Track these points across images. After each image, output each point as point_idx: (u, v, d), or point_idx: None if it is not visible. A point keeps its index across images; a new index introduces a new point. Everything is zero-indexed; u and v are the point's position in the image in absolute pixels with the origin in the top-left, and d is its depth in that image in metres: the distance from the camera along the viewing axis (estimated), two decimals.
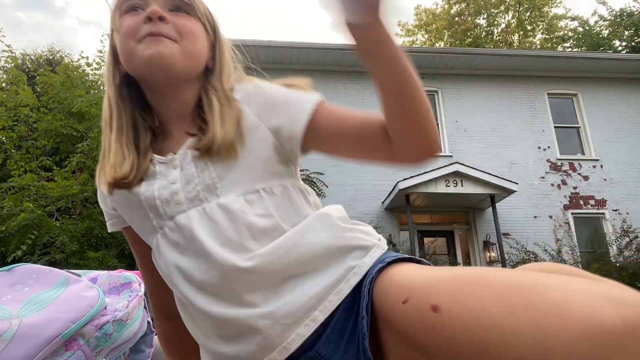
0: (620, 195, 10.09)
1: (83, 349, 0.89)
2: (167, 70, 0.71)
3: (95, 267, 5.47)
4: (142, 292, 1.08)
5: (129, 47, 0.71)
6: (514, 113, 10.61)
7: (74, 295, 0.94)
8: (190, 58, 0.73)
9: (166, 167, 0.72)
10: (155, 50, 0.69)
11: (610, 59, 11.03)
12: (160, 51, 0.69)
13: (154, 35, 0.69)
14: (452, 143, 10.27)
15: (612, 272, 7.19)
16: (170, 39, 0.70)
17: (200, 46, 0.75)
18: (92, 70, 8.55)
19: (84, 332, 0.90)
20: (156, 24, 0.70)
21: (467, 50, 11.22)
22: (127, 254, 7.23)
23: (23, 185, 6.32)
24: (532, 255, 8.07)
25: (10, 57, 8.71)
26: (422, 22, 24.74)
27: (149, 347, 1.10)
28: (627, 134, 10.67)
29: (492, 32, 23.87)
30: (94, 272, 1.10)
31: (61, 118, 7.39)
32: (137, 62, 0.70)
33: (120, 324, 0.96)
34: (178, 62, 0.71)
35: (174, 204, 0.70)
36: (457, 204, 9.57)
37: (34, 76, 11.43)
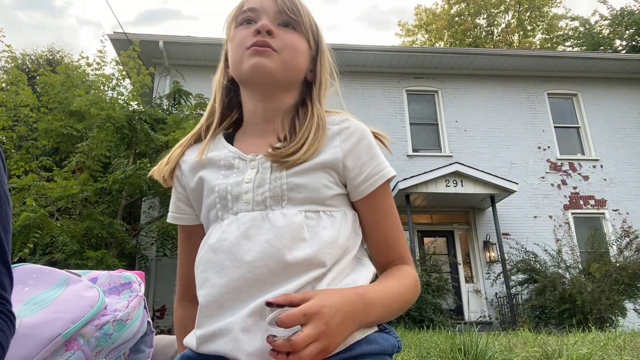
0: (620, 195, 10.08)
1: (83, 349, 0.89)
2: (267, 78, 0.79)
3: (94, 266, 5.47)
4: (142, 292, 1.08)
5: (239, 55, 0.81)
6: (514, 113, 10.61)
7: (74, 295, 0.94)
8: (288, 69, 0.81)
9: (245, 164, 0.79)
10: (259, 60, 0.78)
11: (610, 59, 11.03)
12: (262, 61, 0.78)
13: (260, 46, 0.78)
14: (452, 143, 10.27)
15: (612, 272, 7.19)
16: (274, 51, 0.79)
17: (300, 60, 0.83)
18: (92, 70, 8.55)
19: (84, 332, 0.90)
20: (264, 37, 0.79)
21: (467, 50, 11.22)
22: (127, 254, 7.23)
23: (23, 185, 6.32)
24: (532, 255, 8.06)
25: (10, 57, 8.71)
26: (422, 22, 24.75)
27: (149, 347, 1.10)
28: (627, 134, 10.67)
29: (492, 32, 23.87)
30: (94, 272, 1.10)
31: (61, 118, 7.38)
32: (243, 68, 0.80)
33: (121, 324, 0.96)
34: (277, 72, 0.79)
35: (242, 201, 0.75)
36: (457, 204, 9.57)
37: (34, 76, 11.43)
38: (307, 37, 0.84)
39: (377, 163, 0.79)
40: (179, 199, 0.87)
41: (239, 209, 0.75)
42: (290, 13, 0.82)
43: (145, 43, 9.04)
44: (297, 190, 0.75)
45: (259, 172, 0.77)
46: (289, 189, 0.75)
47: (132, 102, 7.68)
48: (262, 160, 0.77)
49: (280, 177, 0.75)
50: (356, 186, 0.79)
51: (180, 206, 0.87)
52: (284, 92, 0.83)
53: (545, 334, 3.95)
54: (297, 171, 0.75)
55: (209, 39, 9.78)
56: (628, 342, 3.13)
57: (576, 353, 2.19)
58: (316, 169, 0.76)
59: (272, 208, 0.74)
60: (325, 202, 0.77)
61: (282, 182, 0.75)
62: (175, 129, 6.57)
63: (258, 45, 0.78)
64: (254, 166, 0.77)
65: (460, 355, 2.35)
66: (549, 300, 7.14)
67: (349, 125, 0.81)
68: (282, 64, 0.79)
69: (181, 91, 8.29)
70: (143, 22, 67.41)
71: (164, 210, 7.62)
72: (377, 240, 0.81)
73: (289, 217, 0.73)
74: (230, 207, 0.76)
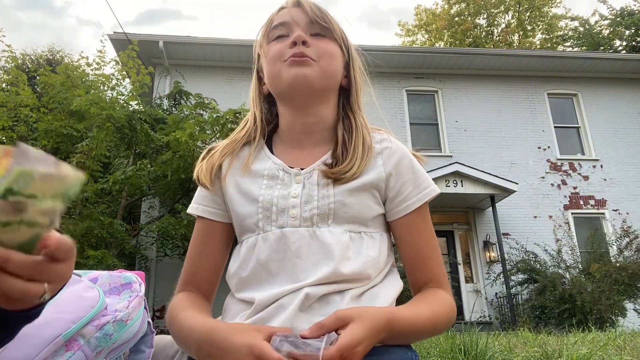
0: (620, 195, 10.08)
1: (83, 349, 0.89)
2: (308, 88, 0.80)
3: (94, 266, 5.47)
4: (143, 292, 1.08)
5: (276, 69, 0.81)
6: (514, 113, 10.61)
7: (75, 295, 0.94)
8: (327, 77, 0.81)
9: (289, 177, 0.79)
10: (299, 71, 0.79)
11: (610, 59, 11.02)
12: (303, 71, 0.79)
13: (298, 56, 0.79)
14: (452, 143, 10.27)
15: (612, 272, 7.19)
16: (312, 60, 0.80)
17: (336, 66, 0.84)
18: (92, 70, 8.55)
19: (84, 333, 0.90)
20: (299, 47, 0.79)
21: (467, 50, 11.22)
22: (127, 254, 7.23)
23: None
24: (532, 255, 8.07)
25: (10, 57, 8.71)
26: (422, 22, 24.74)
27: (149, 348, 1.10)
28: (627, 134, 10.67)
29: (492, 32, 23.87)
30: (95, 272, 1.10)
31: (61, 118, 7.39)
32: (283, 80, 0.80)
33: (121, 325, 0.96)
34: (317, 80, 0.80)
35: (288, 215, 0.75)
36: (457, 204, 9.56)
37: (34, 76, 11.43)
38: (339, 43, 0.85)
39: (417, 184, 0.81)
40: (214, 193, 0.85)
41: (285, 222, 0.75)
42: (322, 22, 0.83)
43: (145, 43, 9.04)
44: (344, 209, 0.75)
45: (305, 187, 0.77)
46: (336, 207, 0.75)
47: (132, 102, 7.69)
48: (308, 175, 0.78)
49: (328, 195, 0.76)
50: (395, 205, 0.80)
51: (216, 200, 0.85)
52: (322, 102, 0.84)
53: (545, 334, 3.95)
54: (345, 190, 0.76)
55: (209, 39, 9.78)
56: (628, 342, 3.13)
57: (576, 353, 2.19)
58: (363, 189, 0.77)
59: (319, 225, 0.75)
60: (367, 222, 0.78)
61: (330, 200, 0.76)
62: (175, 129, 6.57)
63: (296, 56, 0.78)
64: (299, 180, 0.78)
65: (460, 355, 2.35)
66: (549, 300, 7.15)
67: (391, 145, 0.83)
68: (321, 72, 0.80)
69: (181, 91, 8.29)
70: (143, 22, 67.41)
71: (164, 210, 7.62)
72: (412, 261, 0.80)
73: (336, 235, 0.74)
74: (274, 220, 0.76)
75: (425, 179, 0.82)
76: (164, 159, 6.34)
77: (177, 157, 6.37)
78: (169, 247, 7.30)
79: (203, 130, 6.77)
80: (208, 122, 6.85)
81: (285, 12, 0.84)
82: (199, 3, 72.97)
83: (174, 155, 6.33)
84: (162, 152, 6.67)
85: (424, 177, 0.82)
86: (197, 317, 0.71)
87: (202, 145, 6.61)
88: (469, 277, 9.58)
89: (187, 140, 6.05)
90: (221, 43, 9.65)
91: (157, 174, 6.52)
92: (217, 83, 9.48)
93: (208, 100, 7.77)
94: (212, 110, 7.45)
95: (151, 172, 6.47)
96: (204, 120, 6.90)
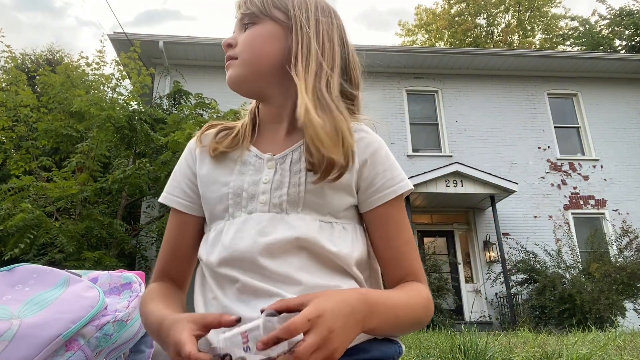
0: (620, 195, 10.08)
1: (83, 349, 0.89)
2: (239, 86, 0.80)
3: (92, 267, 5.47)
4: (142, 292, 1.08)
5: None
6: (514, 113, 10.61)
7: (75, 295, 0.94)
8: (251, 64, 0.79)
9: (261, 163, 0.78)
10: (227, 76, 0.80)
11: (610, 59, 11.02)
12: (229, 74, 0.80)
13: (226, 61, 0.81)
14: (452, 143, 10.27)
15: (612, 272, 7.19)
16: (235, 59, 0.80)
17: (262, 46, 0.78)
18: (92, 70, 8.55)
19: (84, 333, 0.90)
20: (227, 52, 0.81)
21: (467, 50, 11.22)
22: (127, 254, 7.22)
23: (22, 186, 6.31)
24: (532, 255, 8.07)
25: (10, 57, 8.71)
26: (422, 22, 24.74)
27: (149, 348, 1.10)
28: (627, 134, 10.67)
29: (492, 32, 23.86)
30: (95, 272, 1.10)
31: (61, 118, 7.38)
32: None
33: (121, 325, 0.96)
34: (242, 74, 0.79)
35: (257, 201, 0.74)
36: (457, 204, 9.56)
37: (34, 76, 11.43)
38: (271, 17, 0.78)
39: (392, 175, 0.77)
40: (187, 184, 0.84)
41: (254, 208, 0.74)
42: (246, 10, 0.80)
43: (145, 43, 9.04)
44: (314, 198, 0.73)
45: (277, 172, 0.75)
46: (307, 196, 0.73)
47: (132, 102, 7.69)
48: (281, 160, 0.76)
49: (300, 182, 0.74)
50: (368, 195, 0.76)
51: (188, 193, 0.83)
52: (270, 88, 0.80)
53: (545, 334, 3.95)
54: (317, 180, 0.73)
55: (208, 39, 9.78)
56: (628, 342, 3.13)
57: (576, 353, 2.19)
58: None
59: (288, 212, 0.73)
60: (339, 213, 0.76)
61: (301, 188, 0.73)
62: (175, 129, 6.56)
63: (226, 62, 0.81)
64: (272, 166, 0.76)
65: (460, 355, 2.35)
66: (549, 300, 7.15)
67: (366, 135, 0.79)
68: (242, 65, 0.79)
69: (181, 91, 8.29)
70: (143, 22, 67.40)
71: (164, 210, 7.61)
72: (387, 255, 0.76)
73: (306, 221, 0.72)
74: (244, 205, 0.75)
75: (400, 172, 0.78)
76: (163, 159, 6.34)
77: (177, 158, 6.36)
78: None
79: None
80: (208, 122, 6.84)
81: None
82: (198, 3, 72.94)
83: (174, 155, 6.32)
84: (162, 152, 6.67)
85: (399, 170, 0.78)
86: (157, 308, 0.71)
87: None
88: (469, 277, 9.58)
89: (185, 142, 6.04)
90: (221, 43, 9.64)
91: (157, 174, 6.51)
92: (217, 83, 9.48)
93: (208, 100, 7.76)
94: (212, 110, 7.45)
95: (151, 172, 6.47)
96: (204, 120, 6.89)
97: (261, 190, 0.74)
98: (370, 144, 0.78)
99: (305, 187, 0.73)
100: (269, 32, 0.79)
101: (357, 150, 0.76)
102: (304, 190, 0.73)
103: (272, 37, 0.78)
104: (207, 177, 0.80)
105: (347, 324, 0.57)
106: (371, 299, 0.63)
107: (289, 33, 0.78)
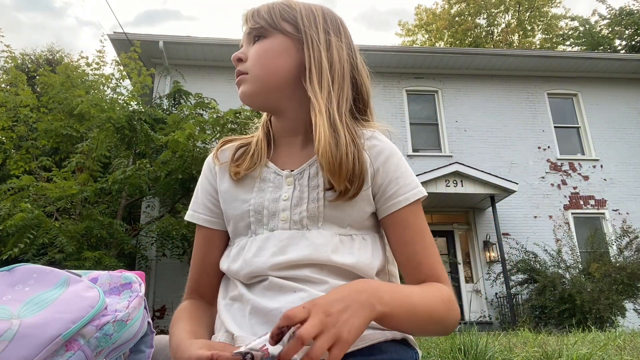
0: (620, 195, 10.08)
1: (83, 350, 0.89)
2: (252, 101, 0.80)
3: (92, 267, 5.47)
4: (142, 292, 1.08)
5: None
6: (514, 113, 10.61)
7: (75, 295, 0.93)
8: (263, 79, 0.78)
9: (280, 179, 0.78)
10: (239, 92, 0.80)
11: (610, 59, 11.02)
12: (241, 91, 0.80)
13: (237, 77, 0.81)
14: (452, 143, 10.27)
15: (612, 272, 7.19)
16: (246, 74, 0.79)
17: (274, 60, 0.78)
18: (92, 70, 8.54)
19: (84, 333, 0.90)
20: (237, 67, 0.81)
21: (467, 50, 11.22)
22: (127, 254, 7.22)
23: (22, 186, 6.31)
24: (532, 255, 8.07)
25: (9, 57, 8.71)
26: (422, 22, 24.73)
27: (149, 348, 1.10)
28: (627, 134, 10.67)
29: (492, 32, 23.86)
30: (95, 272, 1.10)
31: (61, 118, 7.39)
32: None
33: (121, 325, 0.96)
34: (255, 90, 0.79)
35: (278, 219, 0.75)
36: (457, 204, 9.56)
37: (34, 76, 11.44)
38: (281, 31, 0.79)
39: (404, 183, 0.77)
40: (209, 200, 0.85)
41: (275, 225, 0.75)
42: (254, 25, 0.80)
43: (145, 43, 9.04)
44: (334, 210, 0.74)
45: (296, 189, 0.77)
46: (326, 209, 0.74)
47: (132, 102, 7.68)
48: (299, 176, 0.78)
49: (319, 198, 0.75)
50: (383, 202, 0.77)
51: (211, 209, 0.85)
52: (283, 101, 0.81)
53: (545, 334, 3.95)
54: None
55: (209, 39, 9.78)
56: (628, 342, 3.13)
57: (576, 353, 2.19)
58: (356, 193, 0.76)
59: (309, 228, 0.74)
60: (359, 224, 0.77)
61: (320, 203, 0.74)
62: (175, 129, 6.56)
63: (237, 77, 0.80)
64: (290, 182, 0.77)
65: (460, 355, 2.35)
66: (549, 300, 7.15)
67: (378, 143, 0.79)
68: (254, 80, 0.78)
69: (181, 91, 8.29)
70: (143, 22, 67.42)
71: (164, 210, 7.61)
72: (406, 259, 0.75)
73: (326, 236, 0.73)
74: (266, 223, 0.76)
75: (413, 180, 0.78)
76: (163, 159, 6.34)
77: (177, 158, 6.37)
78: (168, 247, 7.29)
79: (203, 131, 6.76)
80: (208, 122, 6.85)
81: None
82: (198, 3, 72.96)
83: (173, 155, 6.32)
84: (162, 152, 6.67)
85: (412, 177, 0.79)
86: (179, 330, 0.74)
87: (202, 145, 6.61)
88: (469, 277, 9.58)
89: (185, 142, 6.05)
90: (221, 43, 9.65)
91: (157, 174, 6.51)
92: (217, 83, 9.48)
93: (208, 100, 7.77)
94: (212, 110, 7.45)
95: (151, 172, 6.47)
96: (204, 120, 6.89)
97: (281, 208, 0.75)
98: (381, 152, 0.78)
99: (324, 202, 0.74)
100: (279, 46, 0.79)
101: (369, 159, 0.77)
102: (323, 205, 0.74)
103: (282, 51, 0.79)
104: (228, 194, 0.82)
105: (350, 307, 0.56)
106: (375, 282, 0.64)
107: (300, 46, 0.79)
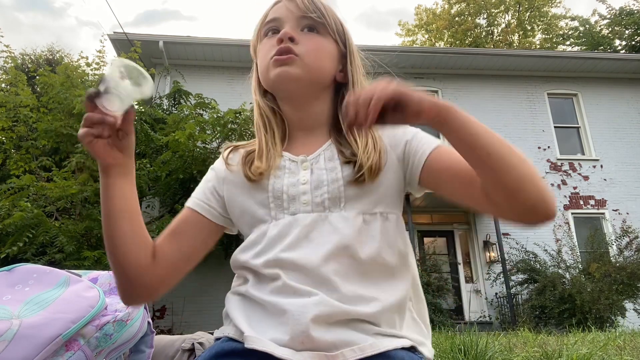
0: (620, 195, 10.08)
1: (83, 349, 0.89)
2: (292, 84, 0.79)
3: (91, 267, 5.46)
4: None
5: (264, 67, 0.81)
6: (514, 113, 10.60)
7: (75, 295, 0.94)
8: (313, 72, 0.80)
9: (296, 165, 0.79)
10: (282, 69, 0.78)
11: (610, 59, 11.02)
12: (286, 69, 0.78)
13: (282, 53, 0.78)
14: None
15: (612, 272, 7.19)
16: (296, 56, 0.78)
17: (325, 61, 0.82)
18: (92, 70, 8.53)
19: (84, 333, 0.90)
20: (286, 43, 0.78)
21: (467, 50, 11.22)
22: None
23: (22, 186, 6.31)
24: (532, 255, 8.06)
25: (9, 57, 8.70)
26: (422, 22, 24.73)
27: (149, 348, 1.10)
28: (627, 134, 10.67)
29: (492, 32, 23.86)
30: (95, 272, 1.10)
31: (61, 118, 7.38)
32: (269, 80, 0.80)
33: (121, 325, 0.96)
34: (302, 77, 0.79)
35: (300, 202, 0.75)
36: (457, 204, 9.55)
37: (33, 76, 11.43)
38: (333, 37, 0.83)
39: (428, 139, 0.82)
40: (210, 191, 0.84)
41: (297, 209, 0.75)
42: (314, 15, 0.81)
43: (145, 43, 9.03)
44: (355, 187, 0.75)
45: (314, 172, 0.77)
46: (346, 191, 0.75)
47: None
48: (315, 160, 0.79)
49: (337, 179, 0.75)
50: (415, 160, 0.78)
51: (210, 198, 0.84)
52: (313, 97, 0.83)
53: (545, 334, 3.95)
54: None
55: (209, 39, 9.78)
56: (628, 342, 3.13)
57: (576, 353, 2.19)
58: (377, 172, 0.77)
59: (331, 210, 0.74)
60: (382, 200, 0.77)
61: (339, 183, 0.75)
62: (175, 129, 6.56)
63: (281, 53, 0.78)
64: (307, 167, 0.78)
65: (460, 355, 2.35)
66: (549, 300, 7.15)
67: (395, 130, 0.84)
68: (305, 68, 0.78)
69: (181, 91, 8.29)
70: (143, 22, 67.39)
71: (164, 210, 7.61)
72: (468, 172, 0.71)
73: (349, 220, 0.73)
74: (287, 207, 0.76)
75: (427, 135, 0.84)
76: (163, 159, 6.34)
77: (177, 158, 6.37)
78: None
79: (203, 131, 6.76)
80: (209, 122, 6.84)
81: (278, 7, 0.83)
82: (198, 3, 72.96)
83: (174, 155, 6.32)
84: (162, 152, 6.67)
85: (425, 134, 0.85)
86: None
87: (202, 145, 6.61)
88: (469, 277, 9.58)
89: (185, 141, 6.04)
90: (221, 43, 9.65)
91: (157, 174, 6.51)
92: (217, 83, 9.48)
93: (208, 100, 7.77)
94: (212, 110, 7.45)
95: (151, 172, 6.47)
96: (204, 120, 6.89)
97: (302, 191, 0.76)
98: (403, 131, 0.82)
99: (344, 182, 0.75)
100: (332, 50, 0.83)
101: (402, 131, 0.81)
102: (342, 185, 0.75)
103: (333, 57, 0.83)
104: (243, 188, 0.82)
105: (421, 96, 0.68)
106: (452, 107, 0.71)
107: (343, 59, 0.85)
